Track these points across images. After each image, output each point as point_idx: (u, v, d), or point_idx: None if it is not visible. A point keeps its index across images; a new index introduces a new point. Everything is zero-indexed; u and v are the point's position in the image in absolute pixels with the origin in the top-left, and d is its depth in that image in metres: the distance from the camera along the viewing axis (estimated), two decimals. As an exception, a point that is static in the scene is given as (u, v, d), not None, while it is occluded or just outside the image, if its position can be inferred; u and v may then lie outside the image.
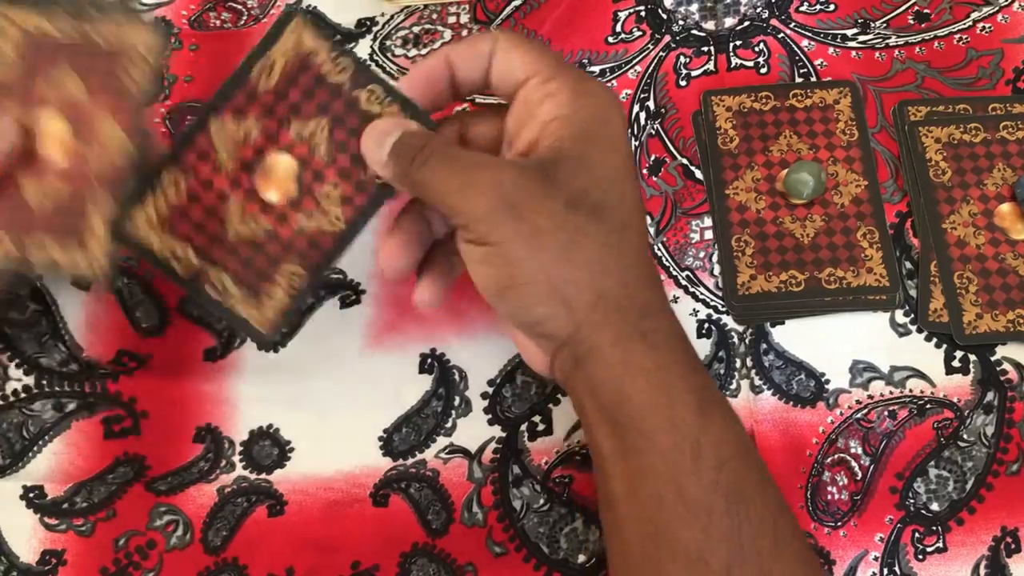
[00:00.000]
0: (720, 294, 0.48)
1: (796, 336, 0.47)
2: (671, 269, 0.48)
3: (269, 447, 0.46)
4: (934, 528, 0.43)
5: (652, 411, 0.36)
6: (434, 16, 0.55)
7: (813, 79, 0.52)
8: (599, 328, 0.36)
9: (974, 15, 0.53)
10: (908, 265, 0.47)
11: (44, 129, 0.39)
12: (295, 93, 0.40)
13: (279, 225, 0.40)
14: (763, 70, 0.52)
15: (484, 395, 0.47)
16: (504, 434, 0.46)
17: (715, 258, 0.48)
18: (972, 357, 0.46)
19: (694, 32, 0.54)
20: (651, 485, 0.35)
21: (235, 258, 0.40)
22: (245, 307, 0.41)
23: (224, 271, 0.41)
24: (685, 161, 0.51)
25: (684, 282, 0.48)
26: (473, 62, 0.40)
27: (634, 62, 0.53)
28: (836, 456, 0.44)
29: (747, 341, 0.47)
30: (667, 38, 0.54)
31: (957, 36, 0.52)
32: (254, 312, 0.41)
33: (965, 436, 0.44)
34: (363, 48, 0.54)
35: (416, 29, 0.55)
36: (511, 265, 0.36)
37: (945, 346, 0.46)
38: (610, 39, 0.54)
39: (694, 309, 0.47)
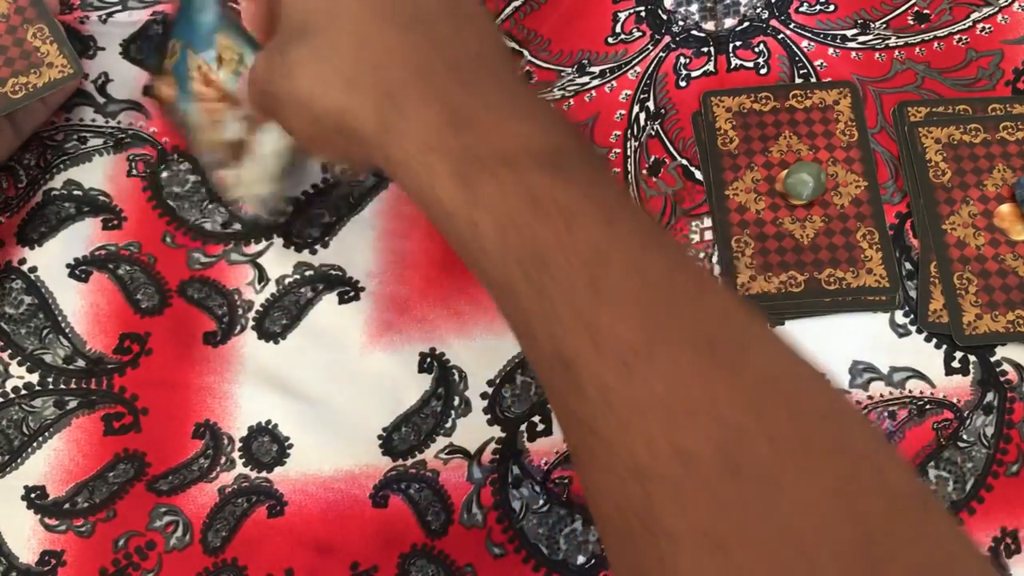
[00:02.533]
0: (720, 295, 0.47)
1: (796, 337, 0.46)
2: (671, 270, 0.48)
3: (268, 443, 0.46)
4: (934, 529, 0.43)
5: (427, 205, 0.32)
6: (434, 17, 0.55)
7: (813, 80, 0.52)
8: (363, 148, 0.34)
9: (974, 16, 0.53)
10: (908, 266, 0.47)
11: None
12: None
13: None
14: (763, 71, 0.52)
15: (484, 395, 0.47)
16: (504, 434, 0.46)
17: (715, 259, 0.48)
18: (972, 358, 0.45)
19: (694, 33, 0.54)
20: (475, 274, 0.32)
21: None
22: (48, 74, 0.49)
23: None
24: (685, 162, 0.51)
25: (684, 283, 0.48)
26: None
27: (634, 63, 0.53)
28: (836, 457, 0.44)
29: (747, 342, 0.47)
30: (667, 39, 0.54)
31: (957, 37, 0.52)
32: (52, 72, 0.49)
33: (965, 437, 0.44)
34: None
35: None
36: (294, 135, 0.38)
37: (945, 347, 0.46)
38: (610, 39, 0.54)
39: (694, 310, 0.47)
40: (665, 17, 0.54)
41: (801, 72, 0.52)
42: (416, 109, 0.33)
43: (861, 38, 0.53)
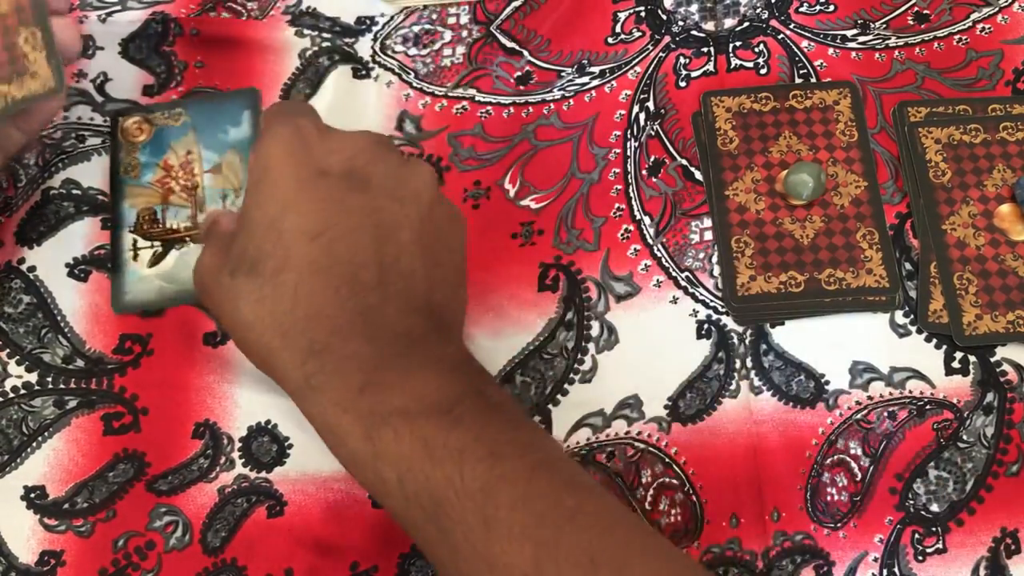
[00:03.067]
0: (720, 295, 0.47)
1: (796, 337, 0.47)
2: (671, 270, 0.48)
3: (268, 443, 0.46)
4: (934, 529, 0.43)
5: (338, 455, 0.37)
6: (434, 17, 0.55)
7: (813, 80, 0.52)
8: (281, 381, 0.38)
9: (974, 16, 0.53)
10: (908, 266, 0.47)
11: None
12: None
13: None
14: (763, 71, 0.52)
15: (483, 395, 0.47)
16: (503, 435, 0.46)
17: (715, 259, 0.48)
18: (972, 358, 0.45)
19: (694, 33, 0.54)
20: (387, 511, 0.36)
21: None
22: (28, 88, 0.43)
23: None
24: (685, 162, 0.51)
25: (684, 283, 0.48)
26: None
27: (634, 63, 0.53)
28: (836, 457, 0.44)
29: (747, 342, 0.47)
30: (667, 39, 0.54)
31: (957, 37, 0.52)
32: (34, 83, 0.43)
33: (965, 437, 0.44)
34: (364, 47, 0.54)
35: (416, 29, 0.55)
36: (231, 333, 0.40)
37: (945, 347, 0.46)
38: (610, 40, 0.54)
39: (694, 310, 0.47)
40: (665, 17, 0.54)
41: (801, 72, 0.52)
42: (335, 369, 0.36)
43: (861, 38, 0.53)
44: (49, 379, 0.48)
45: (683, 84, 0.52)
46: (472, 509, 0.33)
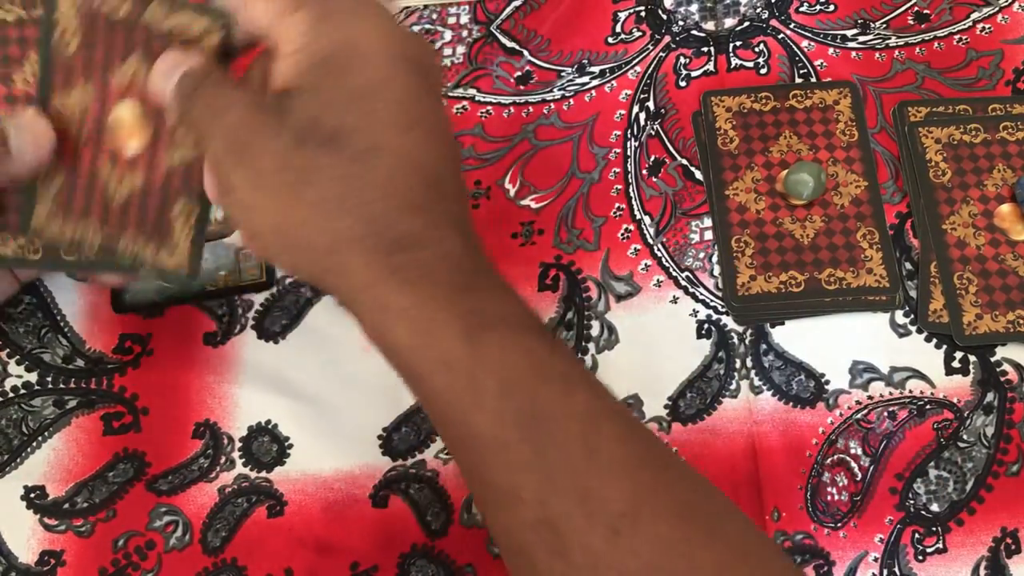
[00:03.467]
0: (720, 295, 0.47)
1: (796, 337, 0.47)
2: (671, 270, 0.48)
3: (268, 443, 0.46)
4: (934, 529, 0.43)
5: (419, 354, 0.33)
6: (434, 16, 0.55)
7: (813, 80, 0.52)
8: (344, 274, 0.34)
9: (974, 16, 0.53)
10: (908, 266, 0.47)
11: (117, 117, 0.39)
12: (99, 46, 0.39)
13: (151, 171, 0.40)
14: (763, 71, 0.52)
15: (484, 395, 0.47)
16: (503, 434, 0.46)
17: (715, 259, 0.48)
18: (972, 358, 0.45)
19: (694, 33, 0.54)
20: (450, 431, 0.33)
21: (130, 219, 0.40)
22: (160, 259, 0.41)
23: (129, 238, 0.40)
24: (685, 162, 0.51)
25: (684, 283, 0.48)
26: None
27: (634, 63, 0.53)
28: (836, 457, 0.44)
29: (747, 342, 0.47)
30: (667, 39, 0.54)
31: (957, 37, 0.52)
32: (168, 259, 0.41)
33: (965, 437, 0.44)
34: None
35: (416, 29, 0.55)
36: (246, 212, 0.34)
37: (945, 347, 0.46)
38: (610, 39, 0.54)
39: (694, 310, 0.47)
40: (665, 17, 0.54)
41: (801, 72, 0.52)
42: (431, 266, 0.33)
43: (861, 38, 0.53)
44: (49, 379, 0.48)
45: (683, 84, 0.52)
46: (577, 433, 0.31)
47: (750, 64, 0.53)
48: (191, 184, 0.40)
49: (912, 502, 0.43)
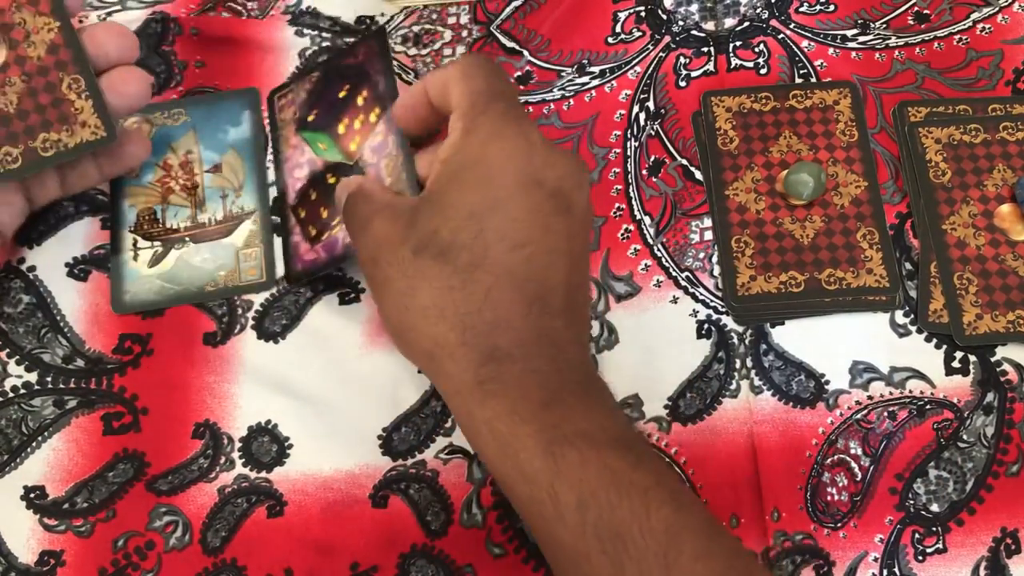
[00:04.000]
0: (720, 295, 0.47)
1: (796, 337, 0.47)
2: (671, 270, 0.48)
3: (268, 443, 0.46)
4: (934, 529, 0.43)
5: (500, 464, 0.35)
6: (434, 16, 0.55)
7: (813, 80, 0.52)
8: (437, 377, 0.37)
9: (974, 16, 0.53)
10: (908, 266, 0.47)
11: None
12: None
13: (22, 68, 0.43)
14: (763, 71, 0.52)
15: (483, 395, 0.47)
16: (503, 434, 0.46)
17: (715, 259, 0.48)
18: (972, 358, 0.45)
19: (694, 33, 0.54)
20: (539, 536, 0.35)
21: (31, 118, 0.43)
22: (79, 138, 0.43)
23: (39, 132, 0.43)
24: (685, 162, 0.51)
25: (684, 283, 0.48)
26: (439, 89, 0.41)
27: (634, 63, 0.53)
28: (836, 457, 0.44)
29: (747, 342, 0.47)
30: (667, 39, 0.54)
31: (957, 37, 0.52)
32: (84, 132, 0.43)
33: (965, 437, 0.44)
34: (363, 48, 0.54)
35: (416, 29, 0.55)
36: (380, 309, 0.39)
37: (945, 347, 0.46)
38: (610, 39, 0.54)
39: (694, 310, 0.47)
40: (665, 17, 0.54)
41: (801, 72, 0.52)
42: (516, 380, 0.35)
43: (861, 38, 0.53)
44: (49, 379, 0.48)
45: (683, 84, 0.52)
46: (655, 550, 0.32)
47: (750, 64, 0.53)
48: (63, 58, 0.42)
49: (912, 502, 0.43)
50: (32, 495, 0.46)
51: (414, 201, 0.39)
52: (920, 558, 0.42)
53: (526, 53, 0.54)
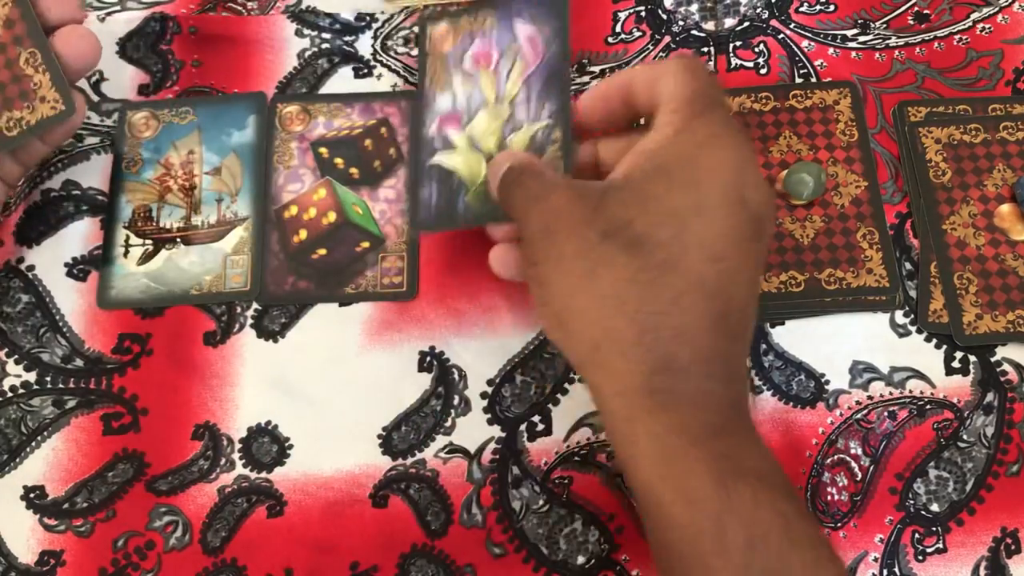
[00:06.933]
0: (720, 294, 0.47)
1: (796, 337, 0.47)
2: (671, 269, 0.48)
3: (268, 444, 0.46)
4: (934, 529, 0.43)
5: (658, 479, 0.33)
6: (434, 16, 0.55)
7: (813, 80, 0.52)
8: (603, 372, 0.35)
9: (974, 16, 0.53)
10: (908, 266, 0.47)
11: None
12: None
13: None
14: (763, 71, 0.52)
15: (483, 395, 0.47)
16: (504, 434, 0.46)
17: (715, 258, 0.48)
18: (972, 358, 0.46)
19: (694, 32, 0.54)
20: (678, 562, 0.33)
21: None
22: (39, 113, 0.43)
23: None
24: (685, 161, 0.51)
25: (684, 282, 0.48)
26: (647, 84, 0.39)
27: (634, 63, 0.53)
28: (836, 457, 0.44)
29: (747, 342, 0.47)
30: (667, 39, 0.54)
31: (957, 37, 0.52)
32: (44, 108, 0.43)
33: (965, 437, 0.44)
34: (365, 46, 0.54)
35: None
36: (541, 287, 0.37)
37: (945, 347, 0.46)
38: (610, 39, 0.54)
39: (694, 309, 0.47)
40: (665, 17, 0.54)
41: (801, 72, 0.52)
42: (690, 398, 0.33)
43: (861, 38, 0.53)
44: (48, 379, 0.48)
45: (683, 84, 0.52)
46: None
47: (750, 64, 0.53)
48: (18, 32, 0.42)
49: (912, 502, 0.43)
50: (32, 495, 0.45)
51: (601, 184, 0.37)
52: (920, 558, 0.42)
53: (526, 53, 0.54)
